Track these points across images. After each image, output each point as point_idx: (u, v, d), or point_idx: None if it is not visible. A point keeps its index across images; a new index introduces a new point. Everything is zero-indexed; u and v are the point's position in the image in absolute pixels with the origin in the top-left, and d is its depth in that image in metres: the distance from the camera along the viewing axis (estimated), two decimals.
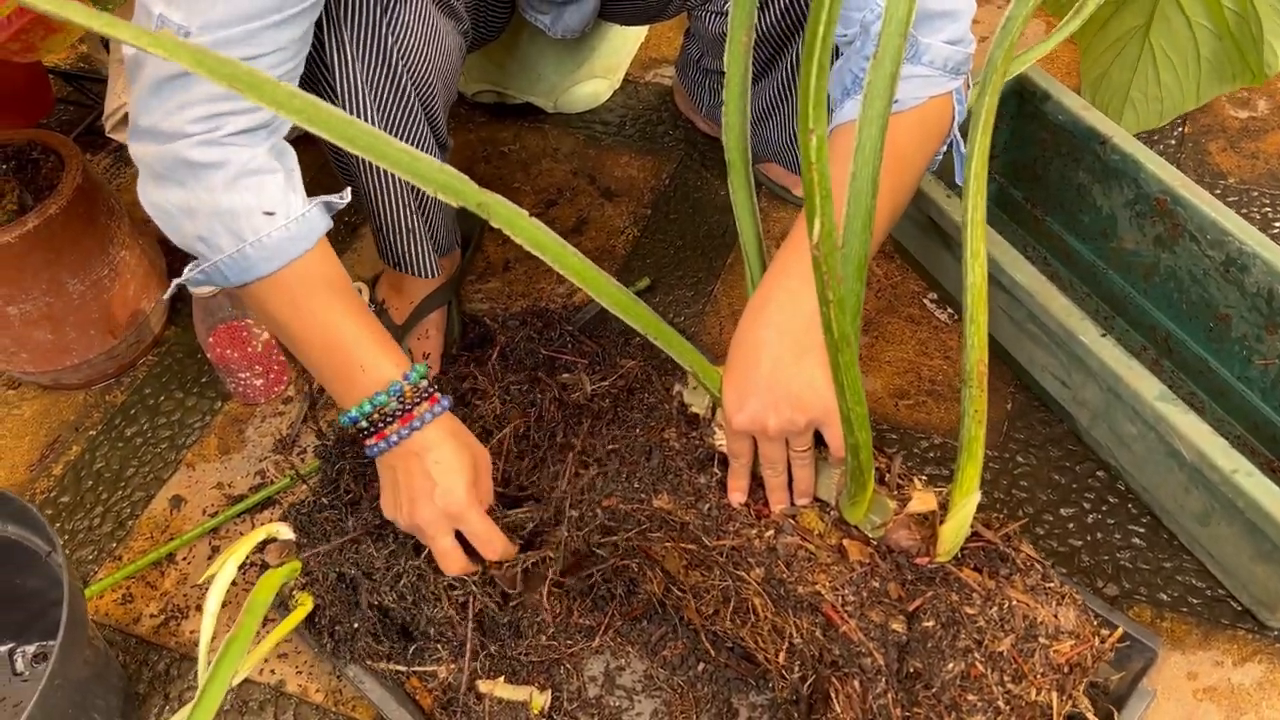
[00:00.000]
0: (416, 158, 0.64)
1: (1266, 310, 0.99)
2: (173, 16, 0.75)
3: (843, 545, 0.81)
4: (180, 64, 0.58)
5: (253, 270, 0.82)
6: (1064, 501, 1.03)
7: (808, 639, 0.78)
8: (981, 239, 0.72)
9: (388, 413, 0.84)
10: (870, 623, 0.77)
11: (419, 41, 0.95)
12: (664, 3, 1.21)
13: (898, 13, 0.66)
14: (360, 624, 0.89)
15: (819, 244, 0.62)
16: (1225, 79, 1.22)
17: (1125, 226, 1.12)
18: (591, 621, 0.95)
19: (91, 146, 1.52)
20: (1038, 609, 0.78)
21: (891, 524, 0.81)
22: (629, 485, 0.88)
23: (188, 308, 1.29)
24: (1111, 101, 1.30)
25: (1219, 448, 0.85)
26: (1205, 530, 0.94)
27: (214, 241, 0.81)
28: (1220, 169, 1.32)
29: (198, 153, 0.78)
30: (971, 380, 0.73)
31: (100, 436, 1.19)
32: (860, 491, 0.79)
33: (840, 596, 0.78)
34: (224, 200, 0.80)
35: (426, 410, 0.85)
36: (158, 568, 1.06)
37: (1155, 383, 0.90)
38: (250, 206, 0.80)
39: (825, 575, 0.79)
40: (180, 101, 0.76)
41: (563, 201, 1.39)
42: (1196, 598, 0.95)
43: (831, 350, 0.70)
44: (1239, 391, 1.05)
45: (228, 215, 0.80)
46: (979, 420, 0.74)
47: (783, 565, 0.79)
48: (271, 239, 0.81)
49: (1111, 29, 1.26)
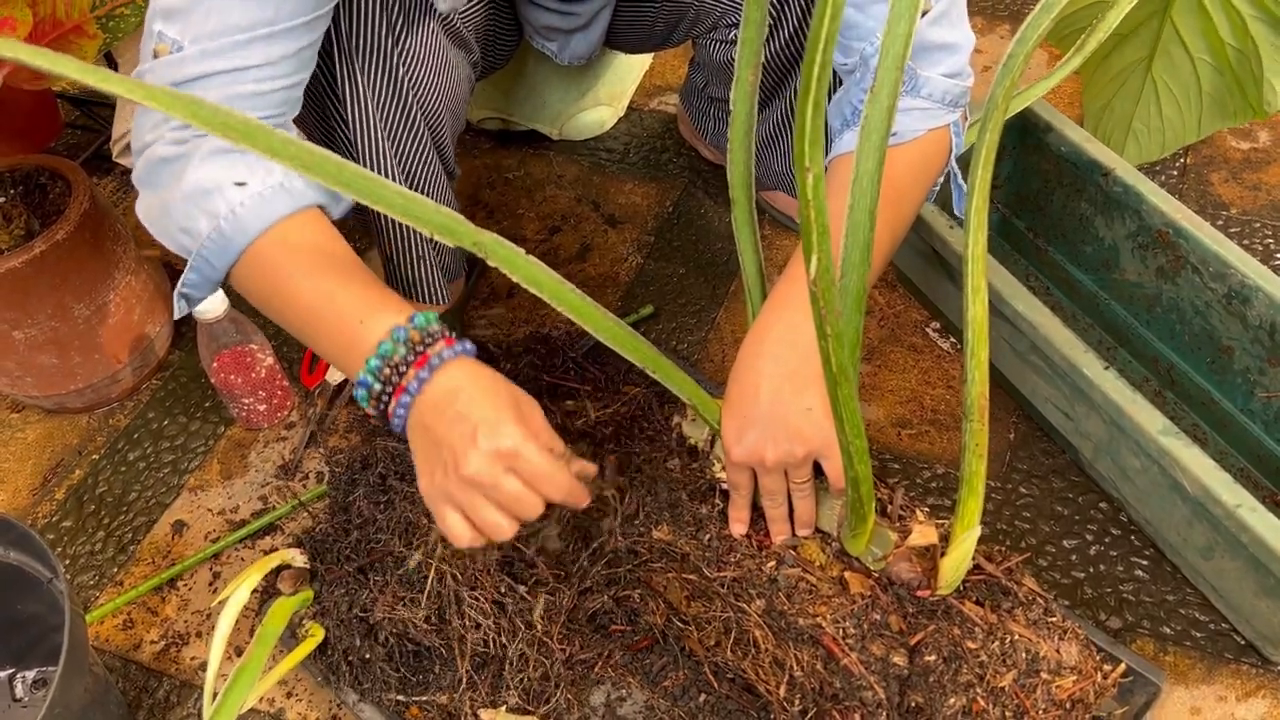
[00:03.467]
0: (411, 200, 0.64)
1: (1269, 343, 0.99)
2: (169, 32, 0.76)
3: (844, 577, 0.81)
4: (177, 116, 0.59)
5: (231, 246, 0.77)
6: (1067, 533, 1.03)
7: (808, 671, 0.78)
8: (982, 274, 0.72)
9: (398, 362, 0.73)
10: (871, 656, 0.77)
11: (429, 73, 0.96)
12: (669, 31, 1.22)
13: (894, 48, 0.67)
14: (372, 653, 0.89)
15: (816, 279, 0.62)
16: (1226, 114, 1.23)
17: (1128, 258, 1.13)
18: (592, 653, 0.95)
19: (99, 171, 1.53)
20: (1040, 643, 0.77)
21: (893, 556, 0.81)
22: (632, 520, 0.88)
23: (192, 332, 1.30)
24: (1114, 133, 1.31)
25: (1223, 482, 0.85)
26: (1209, 564, 0.93)
27: (193, 226, 0.77)
28: (1222, 200, 1.33)
29: (168, 150, 0.77)
30: (973, 414, 0.74)
31: (103, 461, 1.19)
32: (861, 524, 0.79)
33: (841, 629, 0.78)
34: (193, 179, 0.76)
35: (443, 349, 0.73)
36: (159, 593, 1.06)
37: (1159, 416, 0.90)
38: (219, 180, 0.76)
39: (826, 607, 0.79)
40: (162, 114, 0.76)
41: (566, 228, 1.39)
42: (1200, 632, 0.95)
43: (830, 384, 0.70)
44: (1242, 424, 1.05)
45: (199, 194, 0.76)
46: (980, 454, 0.75)
47: (784, 597, 0.79)
48: (245, 208, 0.76)
49: (1114, 62, 1.27)
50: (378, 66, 0.91)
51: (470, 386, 0.73)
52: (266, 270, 0.78)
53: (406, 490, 0.97)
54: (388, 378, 0.73)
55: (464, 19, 1.00)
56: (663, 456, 0.90)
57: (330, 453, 1.15)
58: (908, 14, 0.65)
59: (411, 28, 0.91)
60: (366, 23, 0.88)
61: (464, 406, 0.72)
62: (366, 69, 0.91)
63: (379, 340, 0.73)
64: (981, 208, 0.72)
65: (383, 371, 0.73)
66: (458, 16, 0.99)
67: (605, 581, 0.90)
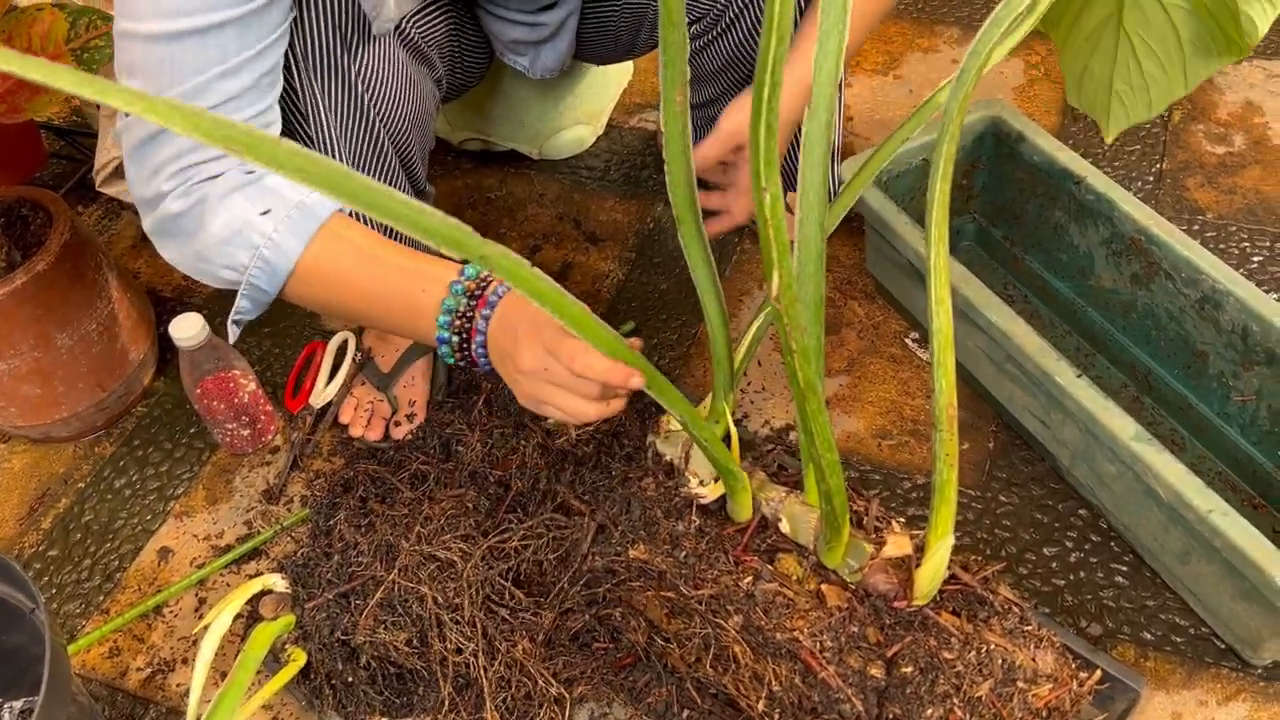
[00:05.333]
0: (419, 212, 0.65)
1: (1242, 347, 1.00)
2: (134, 85, 0.80)
3: (821, 590, 0.82)
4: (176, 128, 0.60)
5: (279, 269, 0.85)
6: (1046, 540, 1.03)
7: (787, 686, 0.79)
8: (945, 285, 0.73)
9: (462, 311, 0.83)
10: (849, 668, 0.77)
11: (390, 90, 0.96)
12: (634, 35, 1.22)
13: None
14: (355, 676, 0.89)
15: (779, 297, 0.63)
16: (1210, 56, 1.13)
17: (1102, 265, 1.13)
18: (575, 671, 0.95)
19: (83, 200, 1.54)
20: (1016, 652, 0.78)
21: (869, 568, 0.82)
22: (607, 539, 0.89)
23: (176, 359, 1.30)
24: (1097, 97, 1.23)
25: (1195, 488, 0.85)
26: (1186, 569, 0.94)
27: (235, 262, 0.85)
28: (1198, 205, 1.34)
29: (178, 204, 0.84)
30: (942, 424, 0.74)
31: (89, 489, 1.19)
32: (836, 537, 0.79)
33: (819, 642, 0.78)
34: (219, 225, 0.84)
35: (496, 286, 0.83)
36: (145, 620, 1.07)
37: (1131, 423, 0.90)
38: (245, 217, 0.83)
39: (804, 621, 0.79)
40: (153, 166, 0.82)
41: (548, 246, 1.40)
42: (1180, 636, 0.95)
43: (798, 398, 0.70)
44: (1218, 428, 1.06)
45: (229, 234, 0.84)
46: (950, 464, 0.75)
47: (761, 612, 0.80)
48: (279, 233, 0.84)
49: (1084, 22, 1.18)
50: (336, 82, 0.92)
51: (523, 311, 0.81)
52: (318, 279, 0.86)
53: (387, 513, 0.98)
54: (459, 328, 0.84)
55: (422, 34, 1.01)
56: (639, 475, 0.91)
57: (314, 476, 1.16)
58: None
59: (366, 43, 0.92)
60: (319, 40, 0.89)
61: (519, 327, 0.81)
62: (325, 86, 0.92)
63: (440, 300, 0.84)
64: (941, 219, 0.72)
65: (453, 324, 0.84)
66: (414, 31, 1.00)
67: (585, 602, 0.90)
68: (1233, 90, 1.49)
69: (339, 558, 0.95)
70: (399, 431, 1.16)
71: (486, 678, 0.91)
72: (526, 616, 0.90)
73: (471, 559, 0.90)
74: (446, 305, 0.84)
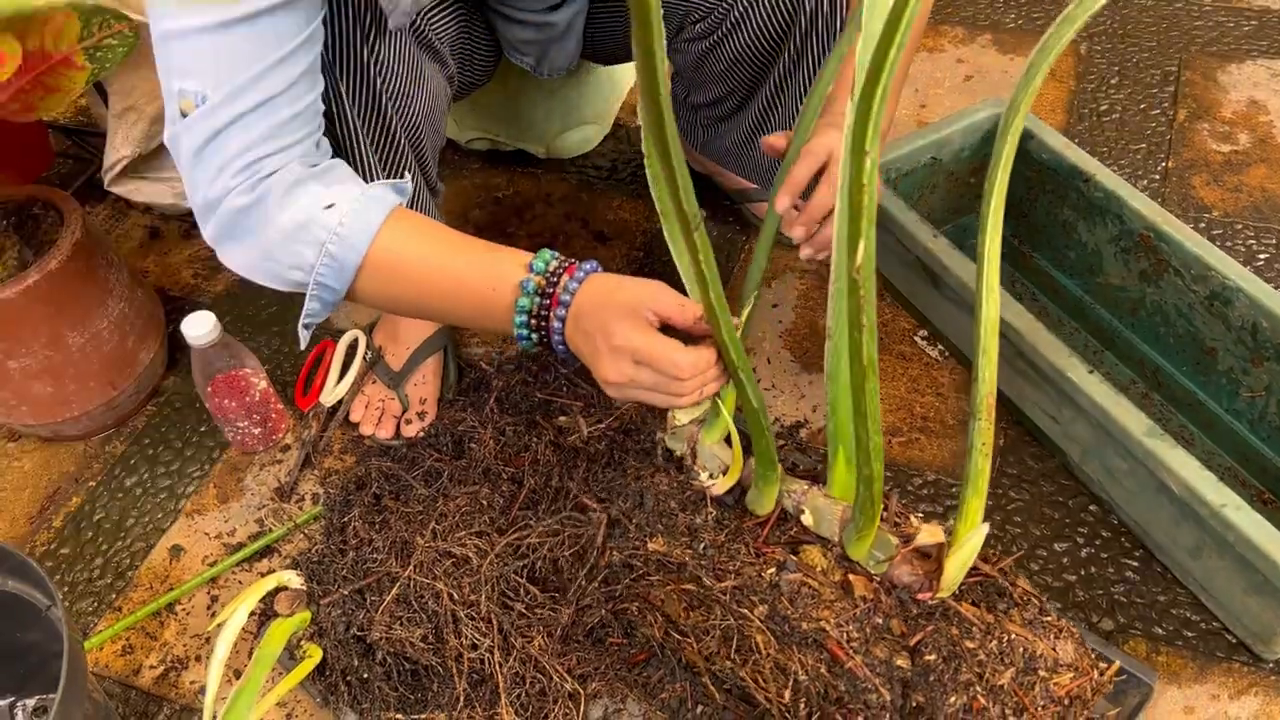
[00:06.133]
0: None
1: (1251, 343, 1.00)
2: (189, 86, 0.79)
3: (848, 580, 0.82)
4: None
5: (347, 265, 0.83)
6: (1057, 536, 1.03)
7: (813, 675, 0.79)
8: (996, 273, 0.73)
9: (536, 311, 0.83)
10: (875, 659, 0.78)
11: (405, 84, 0.96)
12: None
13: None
14: (370, 673, 0.90)
15: (860, 267, 0.63)
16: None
17: (1111, 262, 1.14)
18: (589, 667, 0.96)
19: (91, 199, 1.54)
20: (1036, 642, 0.78)
21: (894, 560, 0.82)
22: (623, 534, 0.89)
23: (186, 357, 1.31)
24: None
25: (1208, 482, 0.86)
26: (1198, 563, 0.94)
27: (302, 261, 0.84)
28: (1204, 203, 1.34)
29: (242, 200, 0.82)
30: (980, 413, 0.74)
31: (100, 488, 1.19)
32: (869, 524, 0.79)
33: (845, 633, 0.79)
34: (285, 219, 0.82)
35: (567, 281, 0.82)
36: (157, 618, 1.07)
37: (1143, 418, 0.91)
38: (310, 211, 0.82)
39: (830, 611, 0.80)
40: (219, 164, 0.81)
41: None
42: (1191, 631, 0.96)
43: (858, 377, 0.70)
44: (1227, 423, 1.06)
45: (295, 230, 0.82)
46: (986, 453, 0.75)
47: (786, 601, 0.80)
48: (345, 227, 0.82)
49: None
50: (358, 78, 0.92)
51: (598, 302, 0.81)
52: (385, 275, 0.85)
53: (401, 510, 0.98)
54: (536, 326, 0.84)
55: (435, 31, 1.02)
56: (650, 471, 0.91)
57: (325, 474, 1.16)
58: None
59: (383, 39, 0.92)
60: (342, 34, 0.89)
61: (595, 324, 0.80)
62: (350, 83, 0.92)
63: (513, 300, 0.83)
64: (998, 208, 0.73)
65: (530, 324, 0.83)
66: (427, 27, 1.00)
67: (604, 597, 0.90)
68: (1237, 89, 1.49)
69: (354, 554, 0.95)
70: (410, 430, 1.17)
71: (501, 674, 0.91)
72: (543, 612, 0.91)
73: (488, 556, 0.90)
74: (520, 305, 0.83)
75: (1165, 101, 1.49)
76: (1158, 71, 1.54)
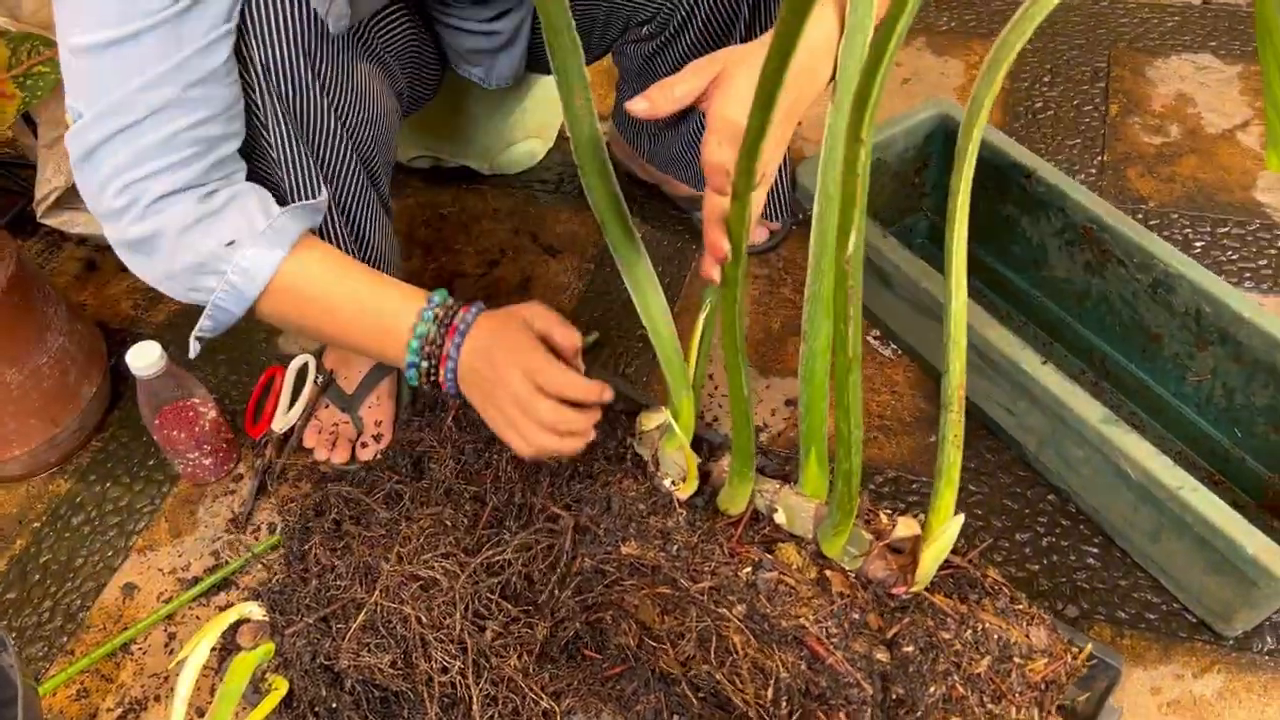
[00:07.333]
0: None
1: (1195, 328, 1.03)
2: (72, 103, 0.81)
3: (824, 577, 0.82)
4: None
5: (247, 294, 0.86)
6: (1018, 527, 1.05)
7: (794, 673, 0.79)
8: (963, 267, 0.74)
9: (433, 338, 0.87)
10: (855, 654, 0.78)
11: (353, 99, 0.94)
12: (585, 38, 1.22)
13: None
14: (339, 702, 0.88)
15: (850, 259, 0.63)
16: None
17: (1055, 255, 1.16)
18: (562, 684, 0.94)
19: (23, 233, 1.50)
20: (1010, 630, 0.79)
21: (868, 556, 0.82)
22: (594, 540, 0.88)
23: (130, 391, 1.27)
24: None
25: (1164, 466, 0.88)
26: (1156, 546, 0.96)
27: (202, 286, 0.86)
28: (1140, 194, 1.37)
29: (135, 230, 0.83)
30: (952, 405, 0.75)
31: (45, 528, 1.16)
32: (845, 520, 0.80)
33: (824, 629, 0.79)
34: (183, 258, 0.84)
35: (465, 314, 0.88)
36: (113, 659, 1.03)
37: (1097, 406, 0.92)
38: (210, 249, 0.84)
39: (808, 608, 0.80)
40: (98, 182, 0.82)
41: (505, 261, 1.40)
42: (1153, 613, 0.97)
43: (841, 371, 0.70)
44: (1176, 408, 1.09)
45: (195, 265, 0.84)
46: (957, 445, 0.76)
47: (765, 600, 0.80)
48: (247, 261, 0.84)
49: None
50: (297, 93, 0.89)
51: (495, 335, 0.87)
52: (287, 302, 0.88)
53: (363, 535, 0.96)
54: (429, 354, 0.88)
55: (384, 43, 1.00)
56: (619, 476, 0.91)
57: (282, 502, 1.14)
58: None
59: (327, 50, 0.89)
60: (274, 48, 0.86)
61: (494, 353, 0.86)
62: (285, 97, 0.88)
63: (412, 325, 0.87)
64: (964, 202, 0.74)
65: (424, 350, 0.88)
66: (376, 40, 0.99)
67: (578, 608, 0.89)
68: (1165, 83, 1.54)
69: (316, 582, 0.93)
70: (365, 453, 1.15)
71: (474, 695, 0.90)
72: (518, 629, 0.89)
73: (459, 577, 0.89)
74: (419, 331, 0.87)
75: (1097, 97, 1.53)
76: (1088, 68, 1.58)
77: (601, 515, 0.90)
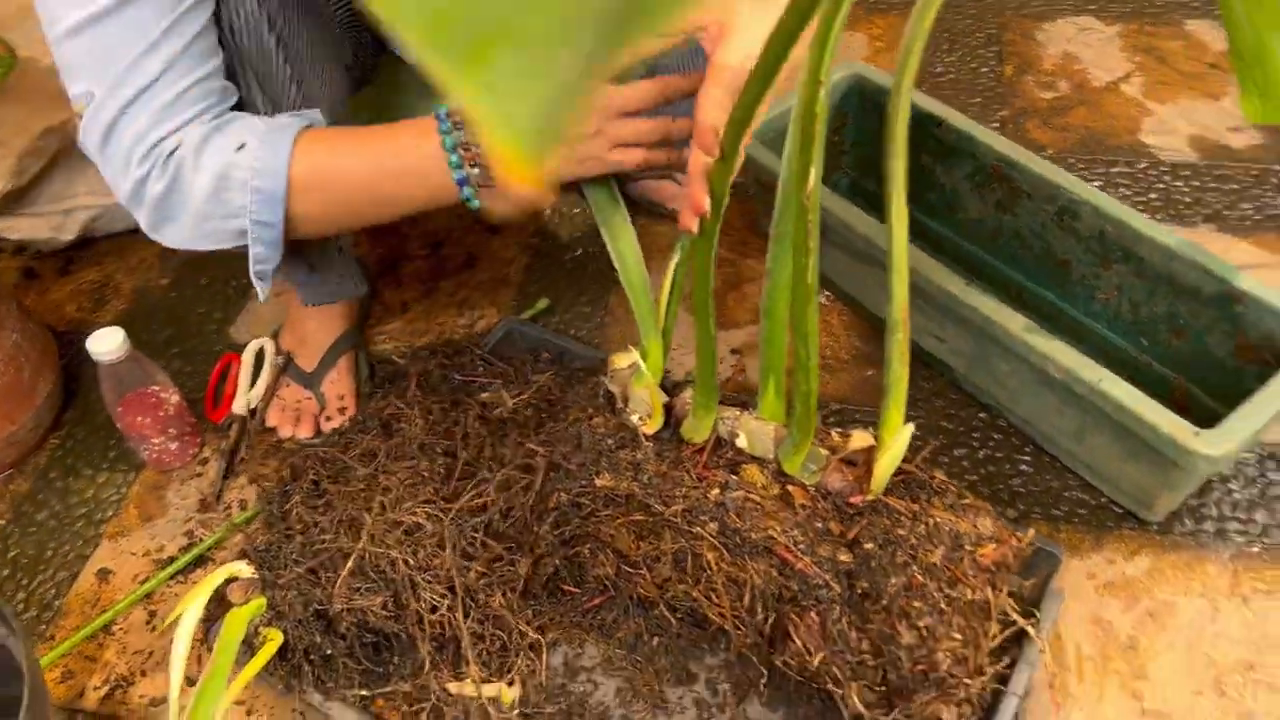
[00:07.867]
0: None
1: (1099, 250, 1.12)
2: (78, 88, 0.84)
3: (786, 492, 0.88)
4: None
5: (276, 191, 0.87)
6: (955, 444, 1.13)
7: (766, 580, 0.85)
8: (903, 200, 0.81)
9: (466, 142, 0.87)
10: (821, 557, 0.84)
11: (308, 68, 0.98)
12: None
13: None
14: (334, 648, 0.91)
15: (810, 194, 0.69)
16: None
17: (968, 197, 1.25)
18: (545, 618, 0.99)
19: None
20: (959, 522, 0.86)
21: (826, 469, 0.89)
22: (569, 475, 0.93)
23: (86, 387, 1.28)
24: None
25: (1083, 363, 0.96)
26: (1081, 446, 1.05)
27: (233, 207, 0.87)
28: (1039, 143, 1.48)
29: (160, 185, 0.85)
30: (898, 326, 0.82)
31: (10, 526, 1.16)
32: (805, 438, 0.86)
33: (791, 538, 0.85)
34: (205, 179, 0.86)
35: None
36: (94, 640, 1.05)
37: (1020, 317, 1.01)
38: (224, 158, 0.85)
39: (774, 521, 0.86)
40: (122, 156, 0.84)
41: (450, 242, 1.44)
42: (1084, 509, 1.06)
43: (800, 302, 0.76)
44: (1089, 327, 1.18)
45: (218, 182, 0.86)
46: (904, 362, 0.83)
47: (735, 516, 0.86)
48: (261, 157, 0.86)
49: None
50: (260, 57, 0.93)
51: None
52: (316, 184, 0.89)
53: (343, 490, 0.99)
54: (473, 159, 0.87)
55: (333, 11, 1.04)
56: (589, 414, 0.96)
57: (253, 478, 1.16)
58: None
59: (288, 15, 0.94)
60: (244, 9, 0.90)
61: None
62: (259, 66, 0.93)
63: (438, 144, 0.87)
64: (901, 134, 0.81)
65: (467, 158, 0.87)
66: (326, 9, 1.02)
67: (557, 542, 0.94)
68: (1053, 44, 1.65)
69: (301, 538, 0.96)
70: (330, 426, 1.18)
71: (464, 631, 0.94)
72: (501, 567, 0.94)
73: (442, 520, 0.93)
74: (448, 144, 0.87)
75: (993, 60, 1.63)
76: (982, 35, 1.69)
77: (573, 451, 0.95)
